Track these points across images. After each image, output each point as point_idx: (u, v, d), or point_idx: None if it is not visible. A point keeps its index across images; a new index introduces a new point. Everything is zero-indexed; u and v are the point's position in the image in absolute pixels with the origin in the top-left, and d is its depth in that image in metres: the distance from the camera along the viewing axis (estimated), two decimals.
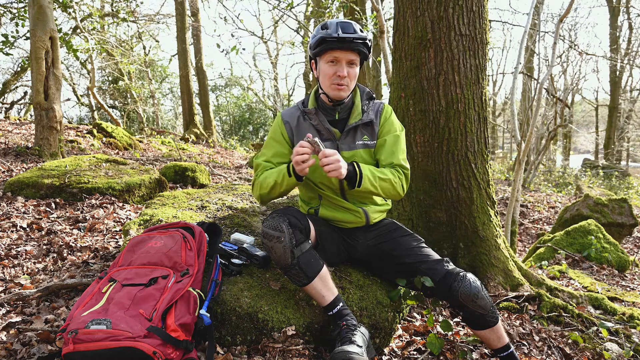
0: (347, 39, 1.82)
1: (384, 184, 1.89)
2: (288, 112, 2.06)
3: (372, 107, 2.03)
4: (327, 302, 1.77)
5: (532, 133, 4.23)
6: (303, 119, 2.01)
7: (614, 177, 14.37)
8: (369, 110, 2.01)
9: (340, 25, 1.85)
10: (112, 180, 3.79)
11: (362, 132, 2.00)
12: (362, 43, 1.86)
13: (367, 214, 2.02)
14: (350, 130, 1.98)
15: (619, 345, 2.28)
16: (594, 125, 25.54)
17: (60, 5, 8.05)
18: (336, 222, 2.05)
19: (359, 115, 1.99)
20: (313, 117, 1.98)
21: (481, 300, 1.79)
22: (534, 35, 9.29)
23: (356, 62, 1.90)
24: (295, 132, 2.00)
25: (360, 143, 1.98)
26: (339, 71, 1.86)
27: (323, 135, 1.97)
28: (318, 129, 1.98)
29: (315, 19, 11.78)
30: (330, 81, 1.89)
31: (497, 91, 22.77)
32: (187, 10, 14.09)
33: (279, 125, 2.03)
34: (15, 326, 1.81)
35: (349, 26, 1.85)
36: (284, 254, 1.73)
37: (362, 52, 1.89)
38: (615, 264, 4.16)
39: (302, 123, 2.00)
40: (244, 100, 22.69)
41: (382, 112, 2.03)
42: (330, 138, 1.97)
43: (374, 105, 2.05)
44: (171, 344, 1.48)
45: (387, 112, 2.05)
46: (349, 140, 1.98)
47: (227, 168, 7.86)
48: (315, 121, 1.98)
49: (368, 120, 1.98)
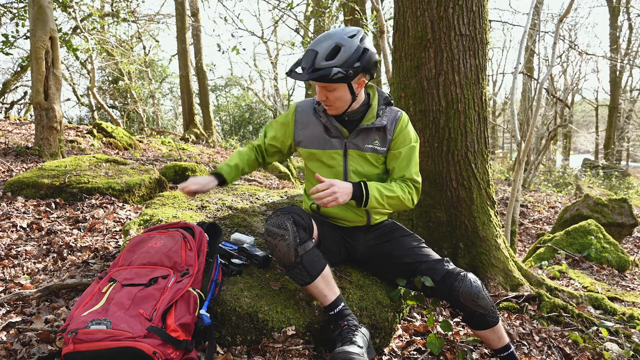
0: (294, 77, 1.78)
1: (392, 201, 1.90)
2: (303, 104, 2.07)
3: (387, 113, 1.99)
4: (329, 301, 1.77)
5: (532, 133, 4.23)
6: (314, 114, 2.01)
7: (614, 177, 14.37)
8: (384, 115, 1.97)
9: (303, 59, 1.77)
10: (112, 180, 3.79)
11: (374, 137, 1.96)
12: (320, 77, 1.72)
13: (369, 214, 2.03)
14: (361, 131, 1.95)
15: (619, 345, 2.28)
16: (594, 125, 25.55)
17: (60, 5, 8.05)
18: (338, 220, 2.05)
19: (373, 119, 1.95)
20: (322, 115, 1.97)
21: (482, 300, 1.79)
22: (534, 35, 9.29)
23: (329, 88, 1.80)
24: (303, 123, 2.02)
25: (369, 146, 1.96)
26: (319, 96, 1.86)
27: (331, 132, 1.97)
28: (326, 126, 1.98)
29: (315, 18, 11.78)
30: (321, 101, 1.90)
31: (497, 91, 22.78)
32: (187, 10, 14.09)
33: (291, 113, 2.06)
34: (15, 326, 1.81)
35: (307, 60, 1.75)
36: (288, 252, 1.73)
37: (329, 79, 1.73)
38: (615, 264, 4.16)
39: (312, 118, 2.01)
40: (244, 100, 22.69)
41: (399, 121, 1.98)
42: (338, 136, 1.97)
43: (390, 112, 2.00)
44: (171, 344, 1.48)
45: (403, 122, 1.99)
46: (359, 140, 1.96)
47: None
48: (324, 119, 1.97)
49: (381, 125, 1.94)
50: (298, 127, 2.03)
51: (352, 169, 1.97)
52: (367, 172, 1.99)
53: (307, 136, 2.01)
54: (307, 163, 2.07)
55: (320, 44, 1.75)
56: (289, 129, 2.05)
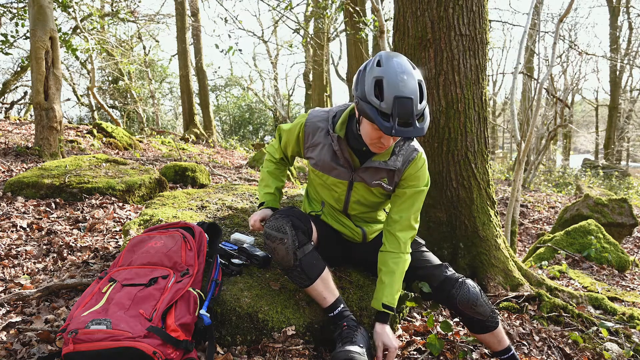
0: (406, 134, 1.51)
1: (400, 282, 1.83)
2: (314, 121, 1.86)
3: (403, 152, 1.79)
4: (328, 303, 1.77)
5: (532, 133, 4.23)
6: (325, 136, 1.83)
7: (614, 177, 14.37)
8: (400, 154, 1.78)
9: (399, 113, 1.48)
10: (112, 180, 3.79)
11: (383, 174, 1.81)
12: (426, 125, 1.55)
13: (365, 233, 2.01)
14: (371, 167, 1.80)
15: (619, 345, 2.28)
16: (594, 125, 25.54)
17: (60, 5, 8.04)
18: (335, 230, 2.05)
19: (387, 156, 1.77)
20: (335, 143, 1.78)
21: (480, 307, 1.77)
22: (534, 35, 9.28)
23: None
24: (312, 143, 1.87)
25: (376, 182, 1.82)
26: (384, 141, 1.63)
27: (339, 161, 1.82)
28: (337, 154, 1.81)
29: (315, 18, 11.79)
30: (371, 141, 1.66)
31: (497, 91, 22.77)
32: (187, 10, 14.09)
33: (299, 129, 1.89)
34: (15, 326, 1.81)
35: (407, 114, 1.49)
36: (287, 255, 1.72)
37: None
38: (615, 264, 4.16)
39: (322, 139, 1.83)
40: (244, 100, 22.70)
41: (411, 162, 1.79)
42: (346, 166, 1.82)
43: (407, 150, 1.79)
44: (171, 344, 1.48)
45: (417, 164, 1.80)
46: (366, 176, 1.82)
47: (227, 168, 7.86)
48: (336, 147, 1.79)
49: (394, 167, 1.78)
50: (307, 144, 1.89)
51: (354, 199, 1.91)
52: (368, 202, 1.93)
53: (314, 157, 1.88)
54: (311, 173, 1.99)
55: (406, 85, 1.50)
56: (299, 144, 1.93)
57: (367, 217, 2.02)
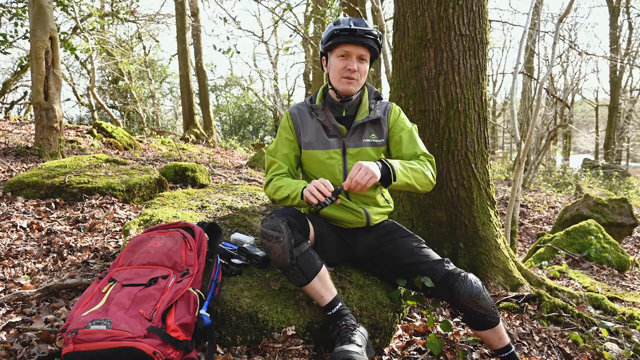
0: (359, 32, 1.84)
1: (416, 174, 1.89)
2: (295, 108, 2.09)
3: (379, 106, 2.05)
4: (326, 302, 1.77)
5: (532, 133, 4.23)
6: (310, 115, 2.03)
7: (614, 177, 14.38)
8: (376, 108, 2.03)
9: (353, 21, 1.87)
10: (112, 180, 3.79)
11: (370, 130, 2.01)
12: (373, 39, 1.88)
13: (368, 215, 2.02)
14: (357, 127, 1.99)
15: (619, 345, 2.28)
16: (594, 125, 25.55)
17: (59, 5, 8.04)
18: (337, 221, 2.05)
19: (366, 113, 2.00)
20: (320, 113, 2.00)
21: (482, 300, 1.78)
22: (534, 35, 9.28)
23: (366, 58, 1.92)
24: (301, 126, 2.02)
25: (367, 141, 2.00)
26: (349, 65, 1.88)
27: (329, 131, 1.99)
28: (325, 125, 1.99)
29: (314, 17, 11.78)
30: (340, 75, 1.91)
31: (497, 91, 22.77)
32: (187, 10, 14.09)
33: (287, 119, 2.06)
34: (15, 326, 1.81)
35: (361, 22, 1.88)
36: (283, 254, 1.73)
37: (372, 48, 1.90)
38: (615, 264, 4.16)
39: (308, 119, 2.03)
40: (244, 100, 22.70)
41: (391, 111, 2.05)
42: (337, 134, 1.99)
43: (382, 105, 2.06)
44: (171, 344, 1.48)
45: (395, 111, 2.06)
46: (356, 137, 1.99)
47: (227, 168, 7.86)
48: (322, 117, 1.99)
49: (375, 117, 2.00)
50: (298, 129, 2.03)
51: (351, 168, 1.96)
52: None
53: (308, 136, 2.01)
54: (306, 166, 2.07)
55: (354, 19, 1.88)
56: (292, 133, 2.04)
57: (367, 199, 2.04)
